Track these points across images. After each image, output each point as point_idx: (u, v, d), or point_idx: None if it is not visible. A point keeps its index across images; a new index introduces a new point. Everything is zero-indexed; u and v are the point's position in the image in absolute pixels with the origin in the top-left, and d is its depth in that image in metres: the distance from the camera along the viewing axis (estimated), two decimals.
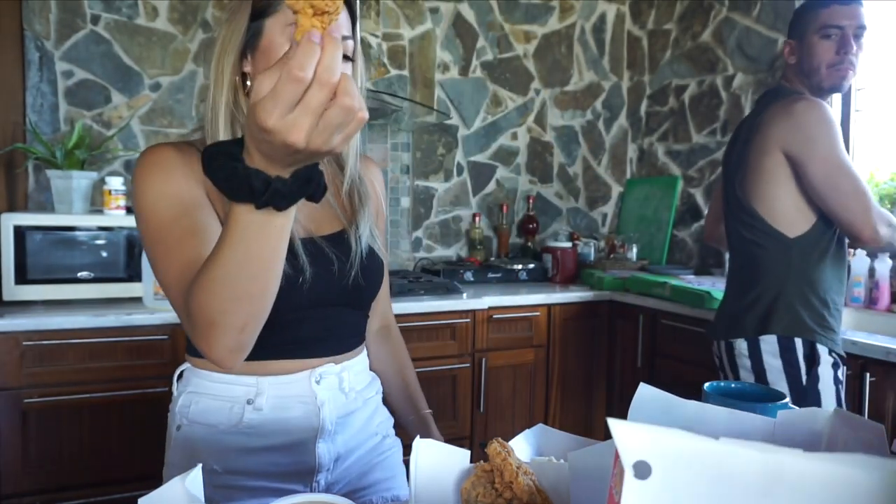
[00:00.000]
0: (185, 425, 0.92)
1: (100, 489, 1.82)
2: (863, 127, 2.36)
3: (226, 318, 0.66)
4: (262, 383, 0.90)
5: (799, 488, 0.38)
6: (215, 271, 0.64)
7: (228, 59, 0.84)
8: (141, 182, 0.82)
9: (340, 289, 0.92)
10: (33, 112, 2.24)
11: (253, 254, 0.62)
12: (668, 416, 0.51)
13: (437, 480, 0.63)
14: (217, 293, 0.65)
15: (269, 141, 0.53)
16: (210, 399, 0.91)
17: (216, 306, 0.66)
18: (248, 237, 0.61)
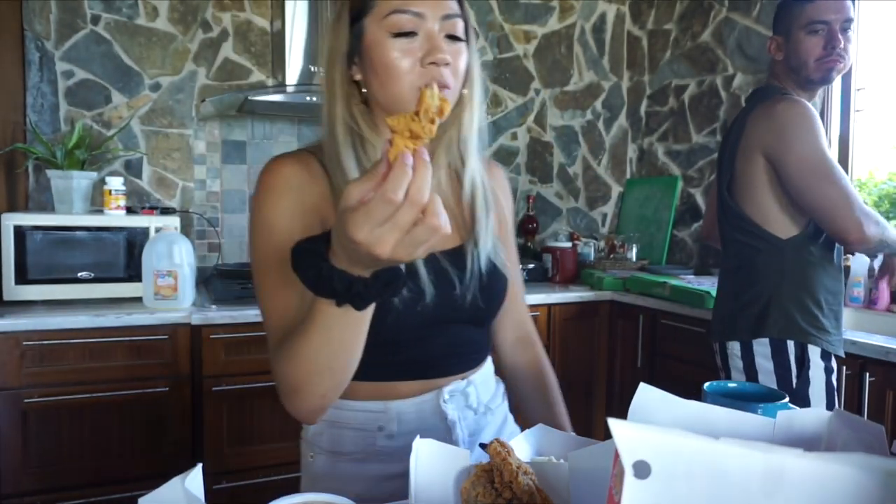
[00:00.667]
0: (318, 454, 0.92)
1: (100, 489, 1.83)
2: (863, 127, 2.36)
3: (307, 388, 0.72)
4: (391, 408, 0.88)
5: (799, 488, 0.38)
6: (300, 347, 0.69)
7: (338, 69, 0.84)
8: (257, 208, 0.82)
9: (462, 308, 0.89)
10: (33, 112, 2.24)
11: (334, 339, 0.67)
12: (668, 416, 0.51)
13: (437, 480, 0.63)
14: (300, 366, 0.70)
15: (356, 250, 0.57)
16: (341, 428, 0.90)
17: (300, 377, 0.71)
18: (329, 326, 0.66)
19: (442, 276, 0.86)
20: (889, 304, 2.08)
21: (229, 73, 2.49)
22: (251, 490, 1.95)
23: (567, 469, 0.62)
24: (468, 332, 0.93)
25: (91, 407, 1.81)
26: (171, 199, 2.45)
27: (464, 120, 0.89)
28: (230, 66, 2.49)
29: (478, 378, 0.95)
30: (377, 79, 0.80)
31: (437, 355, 0.90)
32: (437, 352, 0.90)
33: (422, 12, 0.78)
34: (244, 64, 2.51)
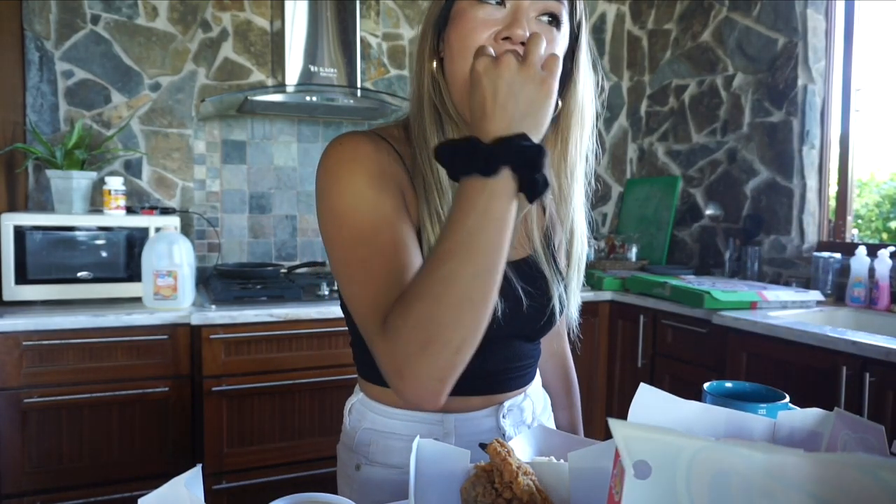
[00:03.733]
0: (365, 465, 0.85)
1: (100, 489, 1.83)
2: (862, 127, 2.36)
3: (444, 333, 0.59)
4: (448, 421, 0.83)
5: (799, 489, 0.38)
6: (436, 270, 0.60)
7: (428, 42, 0.76)
8: (336, 179, 0.72)
9: (526, 323, 0.84)
10: (33, 112, 2.24)
11: (476, 243, 0.59)
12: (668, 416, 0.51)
13: (437, 480, 0.63)
14: (438, 297, 0.59)
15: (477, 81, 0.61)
16: (392, 439, 0.83)
17: (436, 315, 0.59)
18: (473, 214, 0.59)
19: (508, 288, 0.79)
20: (889, 304, 2.08)
21: (229, 73, 2.49)
22: (251, 490, 1.95)
23: (567, 469, 0.62)
24: (527, 346, 0.89)
25: (91, 407, 1.81)
26: (170, 199, 2.44)
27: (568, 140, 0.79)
28: (230, 66, 2.49)
29: (532, 391, 0.93)
30: (450, 52, 0.73)
31: (498, 370, 0.85)
32: (499, 367, 0.85)
33: None
34: (244, 64, 2.51)
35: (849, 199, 2.37)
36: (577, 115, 0.78)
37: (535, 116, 0.61)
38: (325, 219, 0.73)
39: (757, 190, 2.59)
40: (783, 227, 2.48)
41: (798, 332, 1.77)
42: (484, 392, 0.85)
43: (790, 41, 2.44)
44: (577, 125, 0.78)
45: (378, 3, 2.71)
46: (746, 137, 2.62)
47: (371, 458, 0.84)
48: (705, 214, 2.81)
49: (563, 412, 1.08)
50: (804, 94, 2.41)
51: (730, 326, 1.99)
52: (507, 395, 0.87)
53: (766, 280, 2.52)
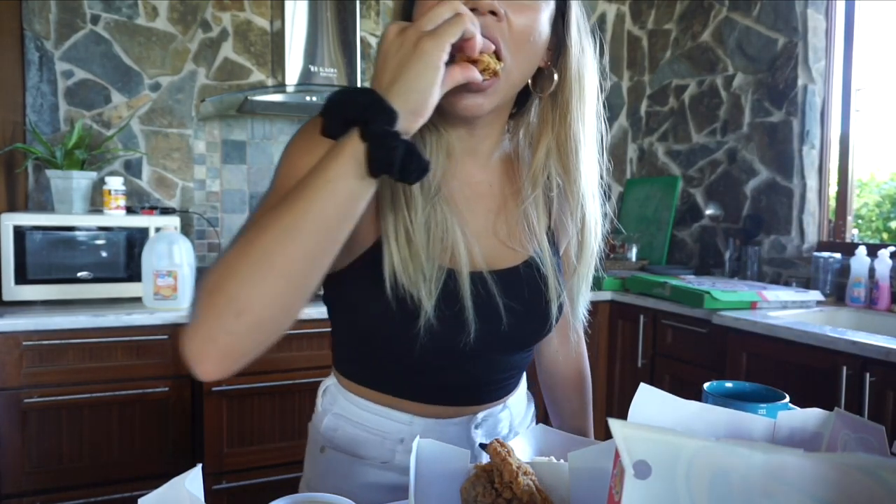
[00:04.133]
0: (330, 450, 0.82)
1: (100, 489, 1.83)
2: (863, 127, 2.36)
3: (230, 284, 0.54)
4: (416, 424, 0.78)
5: (799, 489, 0.38)
6: (260, 217, 0.57)
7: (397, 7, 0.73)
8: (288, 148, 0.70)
9: (510, 339, 0.77)
10: (33, 112, 2.24)
11: (300, 202, 0.54)
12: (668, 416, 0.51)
13: (437, 480, 0.63)
14: (242, 245, 0.55)
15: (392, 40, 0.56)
16: (359, 429, 0.80)
17: (233, 262, 0.55)
18: (315, 172, 0.55)
19: (488, 306, 0.73)
20: (889, 304, 2.08)
21: (229, 73, 2.49)
22: (251, 490, 1.95)
23: (567, 469, 0.62)
24: (512, 357, 0.82)
25: (91, 407, 1.81)
26: (170, 199, 2.44)
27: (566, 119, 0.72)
28: (230, 65, 2.49)
29: (513, 401, 0.87)
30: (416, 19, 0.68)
31: (473, 385, 0.79)
32: (475, 381, 0.79)
33: None
34: (244, 64, 2.51)
35: (849, 199, 2.37)
36: (574, 86, 0.71)
37: (403, 83, 0.54)
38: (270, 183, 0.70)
39: (757, 190, 2.59)
40: (783, 227, 2.48)
41: (798, 332, 1.77)
42: (457, 403, 0.80)
43: (790, 41, 2.44)
44: (576, 98, 0.72)
45: (378, 3, 2.71)
46: (746, 137, 2.62)
47: (335, 444, 0.81)
48: (705, 214, 2.81)
49: (574, 421, 1.00)
50: (804, 94, 2.41)
51: (730, 326, 1.99)
52: (483, 406, 0.82)
53: (766, 280, 2.52)
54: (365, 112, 0.54)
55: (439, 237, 0.71)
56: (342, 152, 0.54)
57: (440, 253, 0.71)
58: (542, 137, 0.75)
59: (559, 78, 0.71)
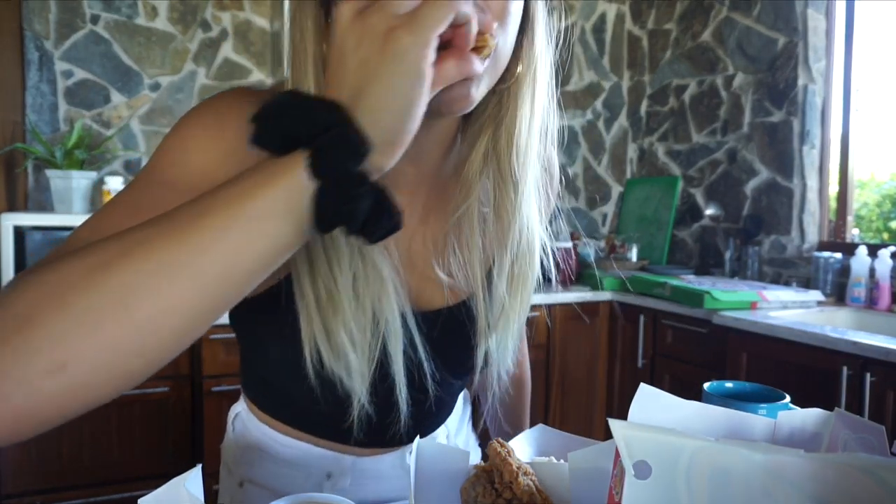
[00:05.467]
0: (248, 485, 0.73)
1: (100, 489, 1.82)
2: (862, 127, 2.36)
3: (55, 319, 0.35)
4: (345, 461, 0.70)
5: (799, 488, 0.38)
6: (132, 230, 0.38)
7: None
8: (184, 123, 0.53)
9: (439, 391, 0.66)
10: (33, 112, 2.24)
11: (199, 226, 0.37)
12: (668, 416, 0.51)
13: (437, 480, 0.63)
14: (91, 265, 0.36)
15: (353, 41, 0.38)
16: (279, 465, 0.71)
17: (71, 283, 0.35)
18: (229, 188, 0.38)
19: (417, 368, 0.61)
20: (890, 304, 2.08)
21: (229, 73, 2.49)
22: None
23: (567, 469, 0.62)
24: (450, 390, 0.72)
25: None
26: None
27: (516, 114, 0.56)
28: (230, 65, 2.49)
29: (452, 420, 0.80)
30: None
31: (402, 430, 0.66)
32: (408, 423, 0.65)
33: None
34: (244, 64, 2.51)
35: (849, 198, 2.37)
36: (528, 81, 0.56)
37: (375, 90, 0.38)
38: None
39: (757, 190, 2.59)
40: (783, 227, 2.48)
41: (798, 333, 1.77)
42: (391, 445, 0.71)
43: (790, 41, 2.44)
44: (528, 95, 0.56)
45: None
46: (746, 137, 2.62)
47: (256, 480, 0.71)
48: (705, 214, 2.81)
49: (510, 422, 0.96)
50: (804, 94, 2.41)
51: (730, 326, 1.99)
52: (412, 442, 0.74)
53: (767, 280, 2.52)
54: (321, 135, 0.37)
55: (371, 296, 0.55)
56: (278, 183, 0.38)
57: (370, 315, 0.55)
58: (481, 136, 0.58)
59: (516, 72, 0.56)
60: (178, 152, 0.51)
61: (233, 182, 0.38)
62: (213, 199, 0.38)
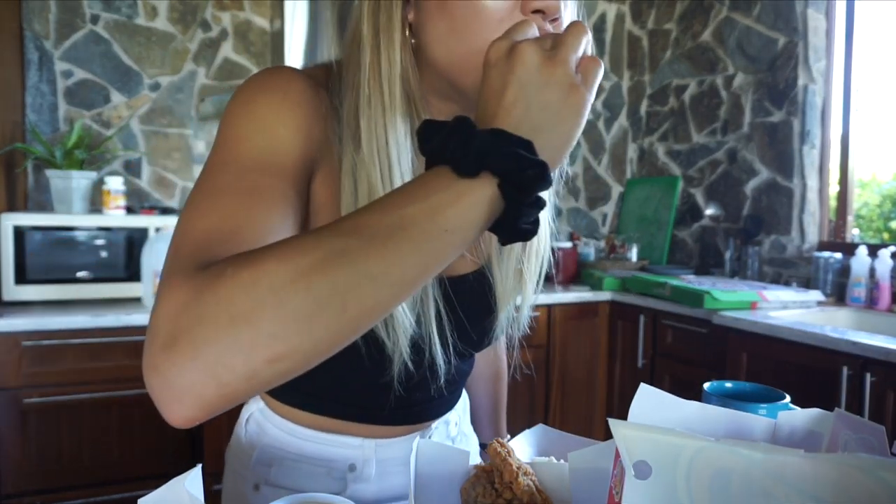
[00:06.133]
0: (265, 486, 0.72)
1: (100, 489, 1.82)
2: (863, 127, 2.36)
3: (271, 318, 0.38)
4: (367, 447, 0.71)
5: (799, 489, 0.38)
6: (325, 238, 0.41)
7: (395, 7, 0.57)
8: (247, 102, 0.55)
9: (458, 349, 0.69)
10: (33, 112, 2.24)
11: (400, 238, 0.41)
12: (668, 416, 0.51)
13: (437, 480, 0.63)
14: (302, 270, 0.39)
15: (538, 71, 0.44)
16: (300, 462, 0.70)
17: (283, 290, 0.38)
18: (418, 205, 0.42)
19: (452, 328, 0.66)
20: (890, 304, 2.08)
21: (229, 73, 2.49)
22: None
23: (567, 469, 0.62)
24: (465, 364, 0.76)
25: (91, 407, 1.81)
26: (170, 199, 2.44)
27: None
28: (230, 65, 2.49)
29: (460, 404, 0.84)
30: (448, 21, 0.55)
31: (428, 400, 0.72)
32: (430, 396, 0.72)
33: None
34: (244, 64, 2.51)
35: (849, 198, 2.37)
36: None
37: (549, 132, 0.44)
38: (216, 139, 0.55)
39: (757, 190, 2.59)
40: (783, 227, 2.48)
41: (798, 333, 1.77)
42: (409, 422, 0.74)
43: (790, 41, 2.44)
44: None
45: None
46: (747, 137, 2.62)
47: (274, 481, 0.71)
48: (705, 214, 2.81)
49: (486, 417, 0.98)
50: (804, 94, 2.41)
51: (730, 326, 1.99)
52: (435, 420, 0.77)
53: (767, 280, 2.52)
54: (508, 162, 0.42)
55: None
56: (471, 202, 0.42)
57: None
58: None
59: None
60: (259, 136, 0.53)
61: (420, 196, 0.42)
62: (404, 212, 0.41)
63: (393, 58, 0.57)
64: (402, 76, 0.57)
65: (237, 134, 0.53)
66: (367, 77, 0.57)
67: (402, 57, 0.57)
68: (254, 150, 0.52)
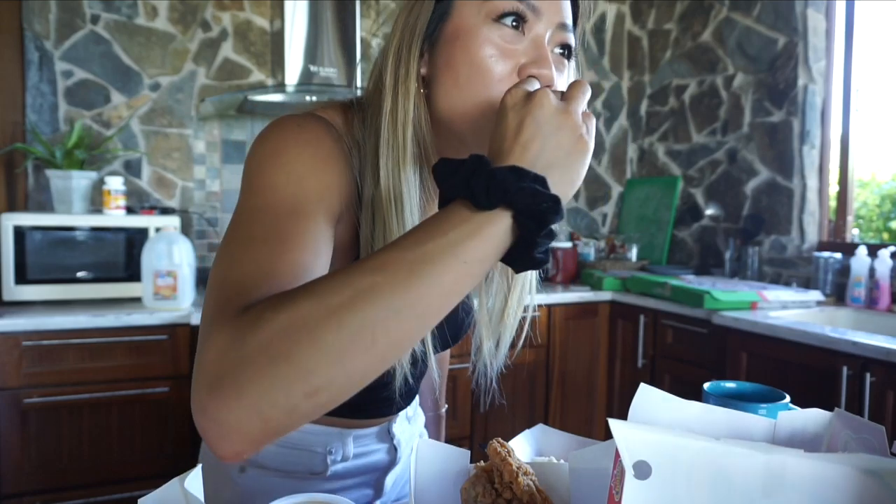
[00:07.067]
0: (251, 469, 0.80)
1: (100, 489, 1.82)
2: (862, 127, 2.36)
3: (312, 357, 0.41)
4: (346, 436, 0.81)
5: (800, 489, 0.38)
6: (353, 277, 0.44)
7: (413, 56, 0.63)
8: (278, 155, 0.58)
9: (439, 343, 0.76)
10: (33, 112, 2.24)
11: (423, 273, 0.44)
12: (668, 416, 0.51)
13: (437, 480, 0.63)
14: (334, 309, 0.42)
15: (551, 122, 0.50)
16: (282, 447, 0.79)
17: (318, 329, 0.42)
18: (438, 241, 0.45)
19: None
20: (890, 304, 2.08)
21: (229, 73, 2.49)
22: None
23: (567, 469, 0.62)
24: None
25: (91, 407, 1.81)
26: (170, 199, 2.44)
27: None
28: (230, 65, 2.49)
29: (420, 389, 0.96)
30: (453, 77, 0.61)
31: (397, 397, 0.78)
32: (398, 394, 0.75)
33: (539, 8, 0.60)
34: (244, 64, 2.51)
35: (849, 198, 2.37)
36: None
37: (562, 170, 0.50)
38: (242, 192, 0.58)
39: (757, 190, 2.59)
40: (783, 227, 2.48)
41: (798, 333, 1.77)
42: (381, 414, 0.84)
43: (790, 41, 2.44)
44: None
45: (378, 3, 2.71)
46: (746, 137, 2.62)
47: (260, 462, 0.79)
48: (705, 214, 2.81)
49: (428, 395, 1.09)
50: (804, 94, 2.41)
51: (730, 326, 1.99)
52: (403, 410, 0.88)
53: (767, 280, 2.52)
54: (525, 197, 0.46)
55: None
56: (488, 235, 0.46)
57: None
58: None
59: None
60: (290, 186, 0.57)
61: (439, 232, 0.46)
62: (425, 248, 0.45)
63: (407, 107, 0.63)
64: (415, 124, 0.63)
65: (269, 183, 0.57)
66: (387, 122, 0.63)
67: (415, 106, 0.63)
68: (286, 199, 0.56)
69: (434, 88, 0.63)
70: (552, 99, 0.51)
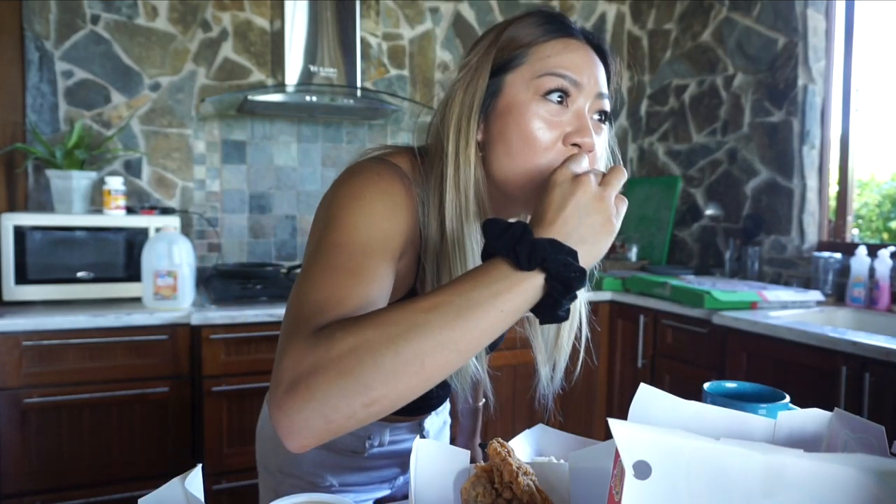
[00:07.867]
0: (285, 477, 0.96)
1: (100, 489, 1.82)
2: (862, 127, 2.36)
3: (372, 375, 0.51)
4: (384, 427, 0.95)
5: (799, 489, 0.38)
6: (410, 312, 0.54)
7: (472, 127, 0.72)
8: (357, 198, 0.67)
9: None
10: (33, 112, 2.24)
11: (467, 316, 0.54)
12: (668, 416, 0.51)
13: (437, 480, 0.63)
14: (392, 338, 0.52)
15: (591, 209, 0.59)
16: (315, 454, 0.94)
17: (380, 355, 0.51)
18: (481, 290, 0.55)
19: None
20: (889, 304, 2.08)
21: (229, 73, 2.49)
22: (251, 490, 1.94)
23: (567, 469, 0.62)
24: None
25: (91, 407, 1.81)
26: (170, 199, 2.44)
27: None
28: (230, 65, 2.49)
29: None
30: (505, 146, 0.70)
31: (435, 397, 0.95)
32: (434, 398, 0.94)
33: (580, 82, 0.70)
34: (244, 64, 2.51)
35: (849, 199, 2.37)
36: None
37: (590, 246, 0.59)
38: (320, 223, 0.67)
39: (757, 190, 2.59)
40: (783, 227, 2.48)
41: (798, 333, 1.77)
42: (416, 413, 0.97)
43: (790, 41, 2.44)
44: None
45: (378, 3, 2.71)
46: (746, 137, 2.62)
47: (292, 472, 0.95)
48: (705, 214, 2.81)
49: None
50: (804, 94, 2.41)
51: (730, 326, 1.99)
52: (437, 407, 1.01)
53: (767, 280, 2.52)
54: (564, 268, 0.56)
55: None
56: (522, 291, 0.56)
57: None
58: None
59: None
60: (367, 228, 0.65)
61: (484, 283, 0.55)
62: (471, 295, 0.55)
63: (468, 173, 0.72)
64: (476, 187, 0.72)
65: (350, 222, 0.65)
66: (450, 186, 0.72)
67: (475, 171, 0.72)
68: (362, 238, 0.64)
69: (488, 153, 0.72)
70: (593, 184, 0.60)
